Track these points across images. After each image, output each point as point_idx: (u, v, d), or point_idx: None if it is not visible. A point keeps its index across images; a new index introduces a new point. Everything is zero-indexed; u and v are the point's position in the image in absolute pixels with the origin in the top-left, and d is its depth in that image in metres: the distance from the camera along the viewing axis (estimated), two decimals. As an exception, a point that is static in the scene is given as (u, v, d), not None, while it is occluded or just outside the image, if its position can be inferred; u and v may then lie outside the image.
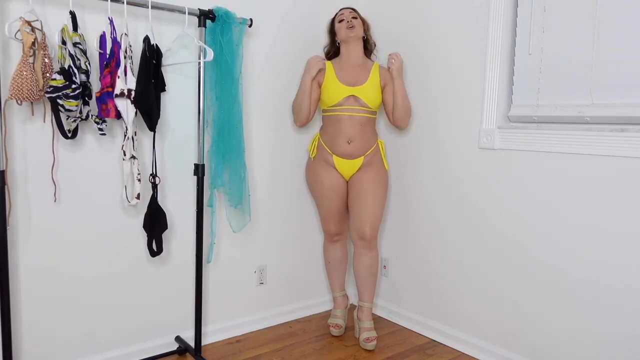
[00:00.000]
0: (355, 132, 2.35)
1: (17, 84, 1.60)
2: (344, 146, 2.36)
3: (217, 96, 2.16)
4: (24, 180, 1.83)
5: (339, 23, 2.40)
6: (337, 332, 2.53)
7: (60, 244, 1.94)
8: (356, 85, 2.35)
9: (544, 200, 2.04)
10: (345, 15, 2.40)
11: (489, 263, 2.26)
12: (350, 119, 2.34)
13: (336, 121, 2.36)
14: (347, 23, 2.36)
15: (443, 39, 2.40)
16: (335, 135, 2.37)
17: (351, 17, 2.38)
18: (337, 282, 2.62)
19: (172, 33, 2.10)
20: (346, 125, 2.35)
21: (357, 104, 2.35)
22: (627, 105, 1.82)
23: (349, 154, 2.37)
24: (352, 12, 2.41)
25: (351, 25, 2.36)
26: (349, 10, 2.42)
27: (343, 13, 2.41)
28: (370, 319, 2.46)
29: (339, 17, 2.41)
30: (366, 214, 2.35)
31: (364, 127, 2.37)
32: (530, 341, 2.12)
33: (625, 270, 1.82)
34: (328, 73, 2.39)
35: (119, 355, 2.13)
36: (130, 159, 1.91)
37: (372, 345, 2.37)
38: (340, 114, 2.35)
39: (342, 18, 2.39)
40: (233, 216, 2.36)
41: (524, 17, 2.11)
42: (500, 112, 2.20)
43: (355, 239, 2.40)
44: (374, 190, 2.38)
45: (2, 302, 1.73)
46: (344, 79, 2.37)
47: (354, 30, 2.36)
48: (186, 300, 2.32)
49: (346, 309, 2.62)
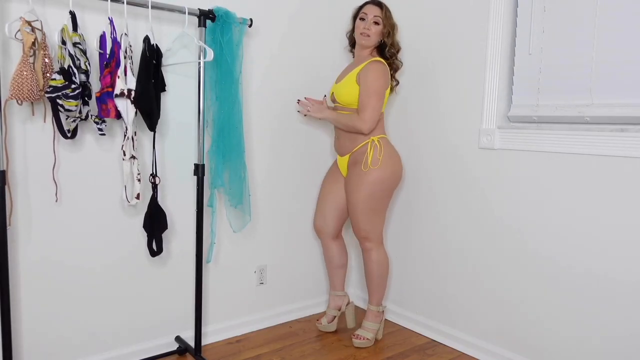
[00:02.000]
0: (339, 129, 2.39)
1: (18, 84, 1.60)
2: (336, 142, 2.46)
3: (217, 96, 2.16)
4: (24, 180, 1.84)
5: (359, 20, 2.28)
6: (320, 327, 2.56)
7: (60, 243, 1.94)
8: (338, 82, 2.39)
9: (544, 200, 2.04)
10: (368, 16, 2.25)
11: (489, 263, 2.26)
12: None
13: None
14: (364, 28, 2.25)
15: (443, 39, 2.40)
16: (335, 132, 2.47)
17: (372, 22, 2.24)
18: (331, 281, 2.61)
19: (172, 33, 2.10)
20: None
21: (336, 101, 2.39)
22: (627, 105, 1.82)
23: (338, 151, 2.45)
24: (376, 15, 2.24)
25: (367, 34, 2.25)
26: (374, 13, 2.24)
27: (367, 13, 2.25)
28: (372, 320, 2.44)
29: (361, 15, 2.27)
30: (352, 216, 2.39)
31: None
32: (531, 341, 2.12)
33: (625, 272, 1.82)
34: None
35: (119, 355, 2.13)
36: (130, 159, 1.91)
37: (358, 343, 2.39)
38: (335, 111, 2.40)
39: (364, 17, 2.26)
40: (233, 216, 2.36)
41: (524, 17, 2.11)
42: (500, 112, 2.20)
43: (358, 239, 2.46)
44: (352, 192, 2.34)
45: (2, 302, 1.73)
46: (340, 76, 2.41)
47: (368, 39, 2.26)
48: (186, 300, 2.32)
49: (339, 310, 2.59)
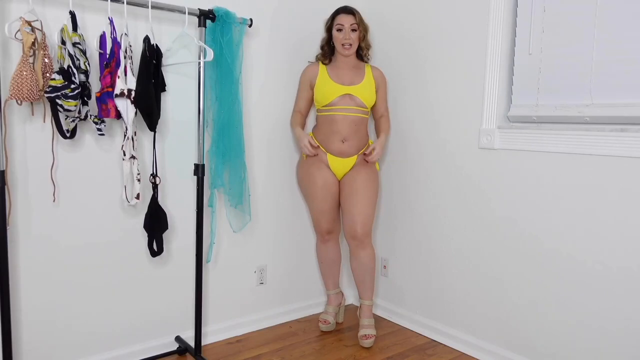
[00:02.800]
0: (350, 131, 2.37)
1: (17, 84, 1.60)
2: (339, 145, 2.38)
3: (217, 96, 2.16)
4: (23, 180, 1.83)
5: (337, 32, 2.34)
6: (325, 328, 2.56)
7: (60, 243, 1.94)
8: (352, 84, 2.37)
9: (544, 200, 2.04)
10: (344, 27, 2.31)
11: (489, 263, 2.26)
12: (345, 119, 2.36)
13: (331, 120, 2.37)
14: (345, 39, 2.31)
15: (443, 39, 2.40)
16: (329, 134, 2.39)
17: (350, 30, 2.31)
18: (330, 280, 2.63)
19: (172, 33, 2.10)
20: (341, 124, 2.36)
21: (353, 103, 2.36)
22: (627, 105, 1.82)
23: (343, 152, 2.40)
24: (352, 23, 2.31)
25: (348, 43, 2.33)
26: (350, 22, 2.31)
27: (342, 24, 2.32)
28: (370, 317, 2.48)
29: (338, 26, 2.33)
30: (357, 213, 2.37)
31: (358, 127, 2.39)
32: (531, 341, 2.12)
33: (626, 271, 1.82)
34: (320, 74, 2.40)
35: (119, 355, 2.13)
36: (130, 159, 1.91)
37: (369, 343, 2.38)
38: (335, 113, 2.36)
39: (341, 28, 2.33)
40: (233, 216, 2.36)
41: (524, 17, 2.11)
42: (500, 112, 2.20)
43: (348, 238, 2.43)
44: (366, 189, 2.38)
45: (2, 302, 1.73)
46: (338, 79, 2.38)
47: (350, 49, 2.35)
48: (186, 300, 2.32)
49: (339, 307, 2.65)
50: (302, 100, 2.48)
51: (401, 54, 2.60)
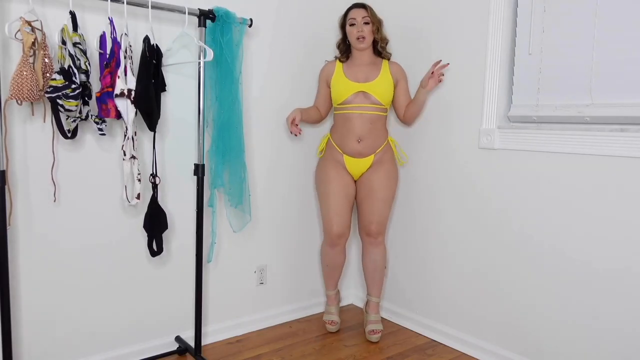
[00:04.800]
0: (365, 130, 2.35)
1: (17, 84, 1.60)
2: (354, 145, 2.37)
3: (217, 96, 2.16)
4: (24, 180, 1.84)
5: (350, 26, 2.35)
6: (334, 329, 2.56)
7: (60, 243, 1.94)
8: (367, 81, 2.36)
9: (544, 200, 2.04)
10: (357, 20, 2.32)
11: (489, 263, 2.26)
12: (360, 117, 2.34)
13: (346, 119, 2.37)
14: (358, 32, 2.32)
15: (443, 39, 2.40)
16: (345, 133, 2.38)
17: (363, 23, 2.31)
18: (332, 281, 2.63)
19: (172, 33, 2.10)
20: (356, 123, 2.35)
21: (368, 101, 2.34)
22: (627, 105, 1.82)
23: (359, 153, 2.38)
24: (364, 16, 2.32)
25: (362, 36, 2.31)
26: (362, 15, 2.32)
27: (355, 17, 2.33)
28: (377, 313, 2.52)
29: (350, 20, 2.34)
30: (374, 212, 2.40)
31: (374, 125, 2.36)
32: (531, 341, 2.12)
33: (627, 271, 1.82)
34: (336, 71, 2.41)
35: (119, 355, 2.13)
36: (130, 159, 1.91)
37: (376, 338, 2.43)
38: (349, 112, 2.35)
39: (353, 22, 2.33)
40: (233, 216, 2.36)
41: (524, 17, 2.11)
42: (500, 112, 2.20)
43: (362, 235, 2.48)
44: (383, 189, 2.39)
45: (2, 302, 1.73)
46: (353, 76, 2.37)
47: (365, 41, 2.32)
48: (186, 300, 2.32)
49: (339, 305, 2.67)
50: (320, 96, 2.49)
51: (401, 54, 2.60)
